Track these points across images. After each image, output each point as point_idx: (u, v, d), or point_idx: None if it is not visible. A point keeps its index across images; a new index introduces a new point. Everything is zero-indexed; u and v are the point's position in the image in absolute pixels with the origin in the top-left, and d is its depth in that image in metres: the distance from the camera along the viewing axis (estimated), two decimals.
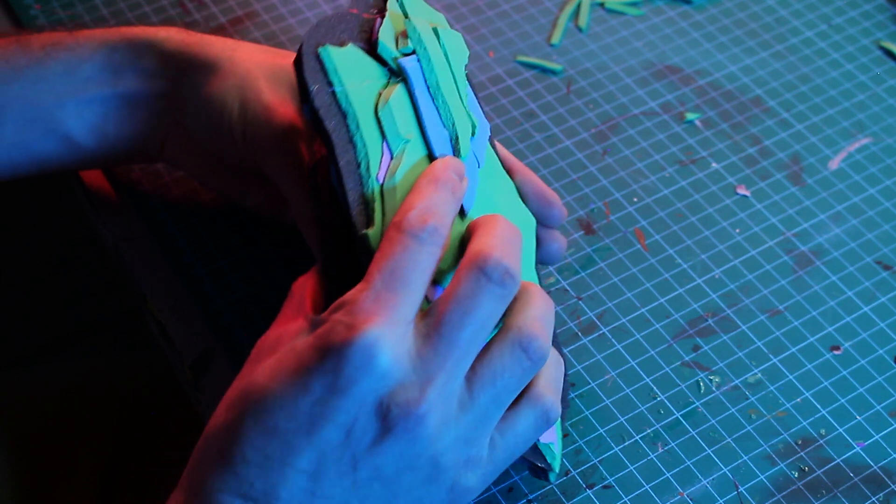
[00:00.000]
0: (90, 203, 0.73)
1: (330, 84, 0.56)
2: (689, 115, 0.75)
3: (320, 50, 0.56)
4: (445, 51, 0.58)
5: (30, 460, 0.79)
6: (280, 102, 0.62)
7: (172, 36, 0.64)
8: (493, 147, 0.61)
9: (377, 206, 0.54)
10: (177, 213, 0.70)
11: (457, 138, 0.56)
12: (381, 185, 0.54)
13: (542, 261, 0.62)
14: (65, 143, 0.66)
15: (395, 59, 0.57)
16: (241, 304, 0.66)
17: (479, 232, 0.53)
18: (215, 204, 0.71)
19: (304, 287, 0.55)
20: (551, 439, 0.56)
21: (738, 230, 0.70)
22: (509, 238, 0.52)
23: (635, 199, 0.71)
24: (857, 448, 0.61)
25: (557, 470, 0.57)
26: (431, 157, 0.56)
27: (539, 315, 0.53)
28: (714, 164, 0.73)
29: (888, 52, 0.79)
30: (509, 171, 0.61)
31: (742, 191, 0.71)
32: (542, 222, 0.61)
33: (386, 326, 0.49)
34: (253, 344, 0.65)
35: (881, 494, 0.59)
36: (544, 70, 0.78)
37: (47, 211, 1.03)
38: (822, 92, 0.77)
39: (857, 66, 0.78)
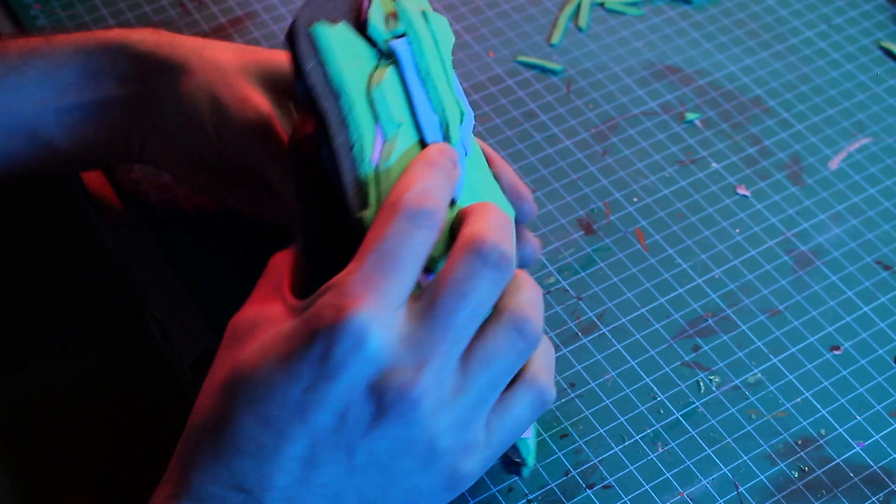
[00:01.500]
0: (90, 203, 0.73)
1: (322, 63, 0.54)
2: (689, 115, 0.75)
3: (313, 28, 0.55)
4: (434, 35, 0.57)
5: (30, 460, 0.79)
6: (252, 93, 0.62)
7: (145, 38, 0.64)
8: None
9: (372, 188, 0.53)
10: (177, 212, 0.70)
11: (447, 125, 0.55)
12: (376, 168, 0.53)
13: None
14: (46, 148, 0.66)
15: (387, 41, 0.56)
16: (241, 303, 0.66)
17: (473, 217, 0.52)
18: (215, 203, 0.71)
19: (282, 266, 0.54)
20: (527, 434, 0.56)
21: (738, 230, 0.70)
22: (503, 224, 0.52)
23: (635, 199, 0.71)
24: (857, 448, 0.61)
25: (531, 465, 0.56)
26: (423, 144, 0.55)
27: (531, 298, 0.52)
28: (714, 164, 0.73)
29: (888, 52, 0.79)
30: (487, 163, 0.60)
31: (742, 191, 0.71)
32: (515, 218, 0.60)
33: (376, 308, 0.48)
34: None
35: (881, 494, 0.59)
36: (544, 70, 0.78)
37: (47, 211, 1.03)
38: (822, 92, 0.77)
39: (857, 66, 0.78)
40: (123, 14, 0.81)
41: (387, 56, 0.56)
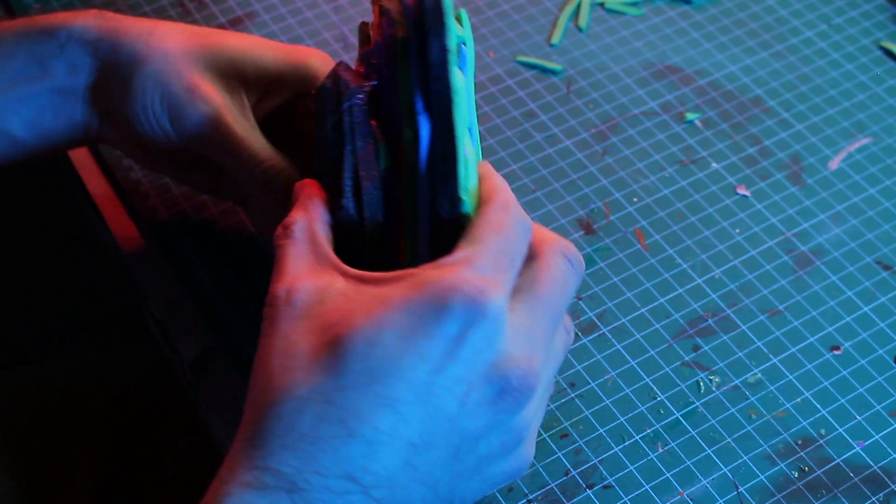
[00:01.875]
0: (90, 203, 0.73)
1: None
2: (689, 115, 0.75)
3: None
4: None
5: (30, 460, 0.79)
6: (200, 82, 0.61)
7: (90, 23, 0.63)
8: None
9: (468, 170, 0.53)
10: (177, 212, 0.70)
11: (479, 142, 0.56)
12: (465, 156, 0.53)
13: None
14: (5, 139, 0.65)
15: (458, 44, 0.55)
16: (241, 304, 0.66)
17: (543, 230, 0.54)
18: (215, 203, 0.71)
19: (313, 232, 0.52)
20: None
21: (738, 230, 0.70)
22: None
23: (635, 199, 0.71)
24: (857, 448, 0.61)
25: None
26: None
27: None
28: (714, 164, 0.73)
29: (888, 52, 0.79)
30: None
31: (742, 191, 0.71)
32: None
33: (506, 295, 0.48)
34: (253, 343, 0.65)
35: (881, 494, 0.59)
36: (544, 70, 0.78)
37: (47, 211, 1.03)
38: (822, 92, 0.77)
39: (857, 66, 0.78)
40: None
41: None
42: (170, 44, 0.62)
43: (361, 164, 0.54)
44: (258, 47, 0.63)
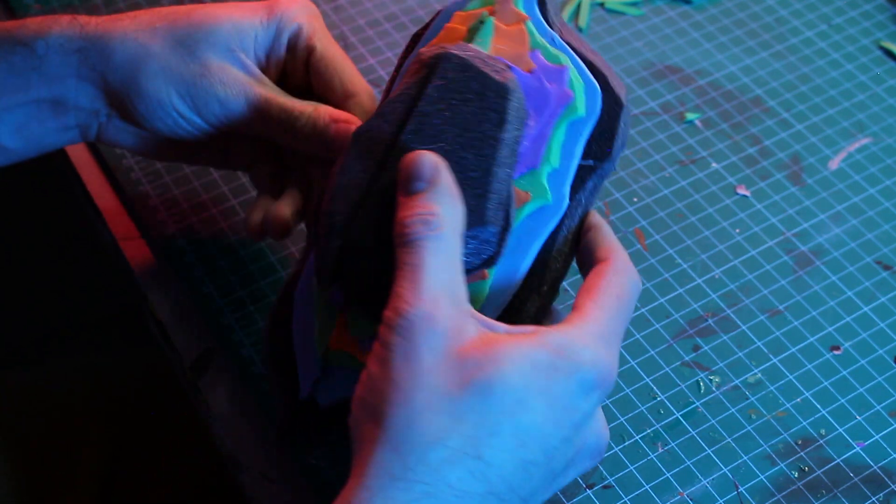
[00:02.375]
0: (90, 203, 0.73)
1: None
2: (689, 115, 0.75)
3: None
4: None
5: (30, 460, 0.79)
6: (209, 64, 0.60)
7: (67, 32, 0.61)
8: None
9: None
10: (177, 213, 0.70)
11: None
12: None
13: None
14: None
15: None
16: (241, 304, 0.66)
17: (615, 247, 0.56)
18: (215, 204, 0.71)
19: (456, 245, 0.49)
20: None
21: (738, 230, 0.70)
22: None
23: (635, 199, 0.71)
24: (857, 448, 0.61)
25: None
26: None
27: None
28: (714, 164, 0.73)
29: (888, 52, 0.79)
30: None
31: (742, 191, 0.71)
32: None
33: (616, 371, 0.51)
34: (252, 344, 0.65)
35: (881, 494, 0.59)
36: None
37: (47, 211, 1.03)
38: (822, 92, 0.77)
39: (857, 66, 0.78)
40: None
41: None
42: (162, 36, 0.61)
43: (512, 198, 0.52)
44: (245, 17, 0.62)
